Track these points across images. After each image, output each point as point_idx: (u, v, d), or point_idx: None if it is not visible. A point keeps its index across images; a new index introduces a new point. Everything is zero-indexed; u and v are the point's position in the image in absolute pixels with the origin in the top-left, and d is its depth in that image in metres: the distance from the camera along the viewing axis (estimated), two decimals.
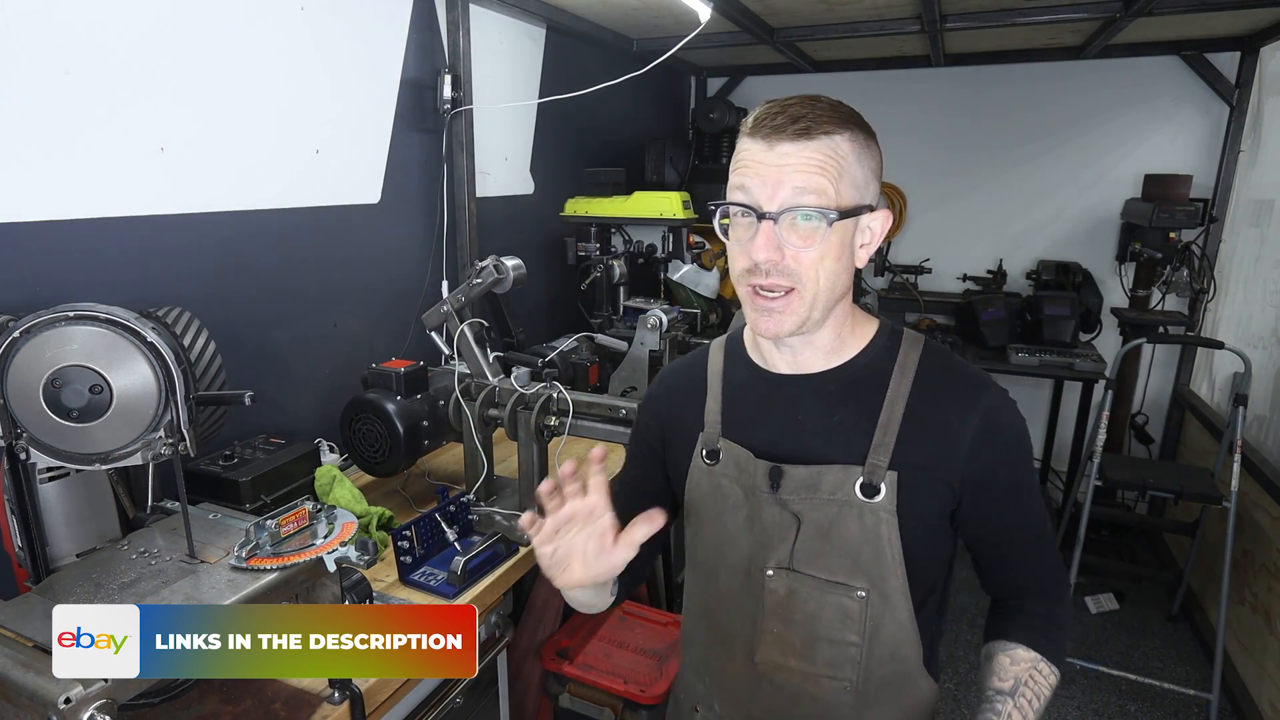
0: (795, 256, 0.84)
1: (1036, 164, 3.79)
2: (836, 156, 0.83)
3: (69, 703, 0.75)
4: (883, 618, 0.91)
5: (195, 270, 1.68)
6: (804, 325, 0.88)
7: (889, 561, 0.89)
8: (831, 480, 0.89)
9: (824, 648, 0.93)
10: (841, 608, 0.91)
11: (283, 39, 1.81)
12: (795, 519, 0.91)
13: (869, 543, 0.89)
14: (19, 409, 0.99)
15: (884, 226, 0.90)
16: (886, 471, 0.87)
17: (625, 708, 1.92)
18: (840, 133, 0.84)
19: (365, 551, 1.04)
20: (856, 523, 0.89)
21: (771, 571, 0.93)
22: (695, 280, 3.16)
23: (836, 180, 0.83)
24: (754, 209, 0.84)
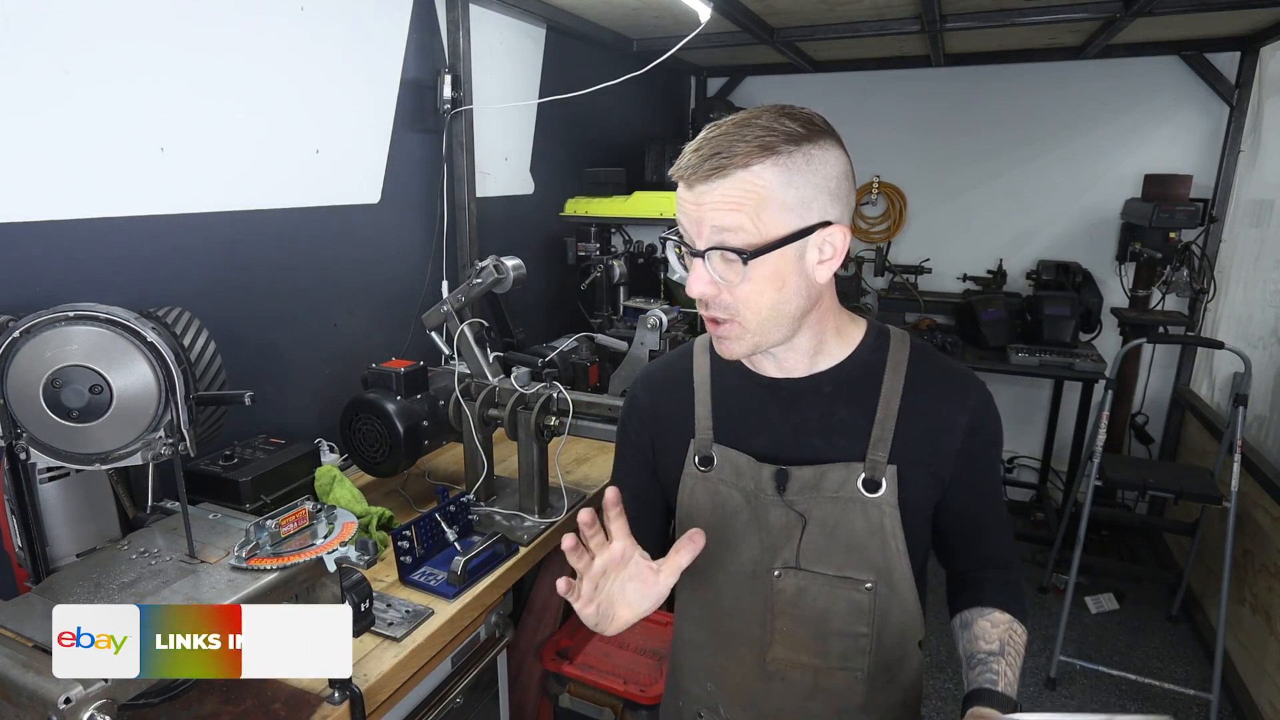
0: (730, 291, 0.85)
1: (1036, 164, 3.79)
2: (755, 189, 0.80)
3: (69, 703, 0.75)
4: (890, 607, 0.94)
5: (195, 270, 1.68)
6: (759, 348, 0.90)
7: (893, 552, 0.92)
8: (835, 478, 0.91)
9: (836, 641, 0.95)
10: (852, 601, 0.94)
11: (283, 39, 1.81)
12: (801, 519, 0.93)
13: (874, 536, 0.91)
14: (19, 409, 0.99)
15: (844, 240, 0.85)
16: (886, 466, 0.90)
17: (625, 708, 1.92)
18: (761, 161, 0.80)
19: (365, 551, 1.04)
20: (861, 517, 0.91)
21: (779, 572, 0.95)
22: None
23: (756, 214, 0.81)
24: (688, 247, 0.86)
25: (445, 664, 1.47)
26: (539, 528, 1.72)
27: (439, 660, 1.42)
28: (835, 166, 0.84)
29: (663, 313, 1.80)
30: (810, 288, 0.87)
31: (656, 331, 1.79)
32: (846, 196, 0.86)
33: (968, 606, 1.00)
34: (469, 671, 1.54)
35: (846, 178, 0.86)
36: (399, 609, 1.40)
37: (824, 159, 0.83)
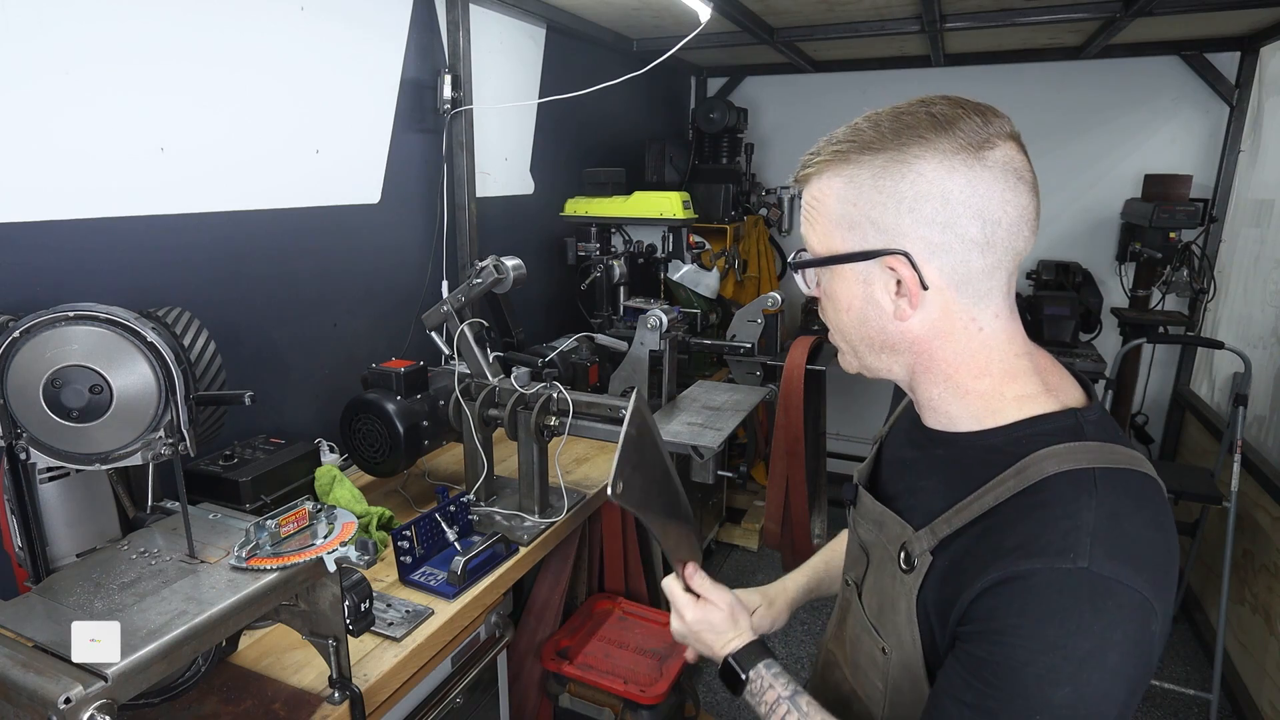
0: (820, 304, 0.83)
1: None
2: (817, 201, 0.76)
3: (69, 703, 0.75)
4: (903, 680, 0.81)
5: (195, 270, 1.68)
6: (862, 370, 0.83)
7: (906, 635, 0.79)
8: (890, 530, 0.82)
9: (861, 674, 0.89)
10: (870, 652, 0.86)
11: (283, 39, 1.81)
12: (863, 550, 0.88)
13: (893, 606, 0.81)
14: (19, 409, 0.99)
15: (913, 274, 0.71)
16: (926, 554, 0.75)
17: (625, 708, 1.92)
18: (830, 169, 0.74)
19: (365, 551, 1.04)
20: (891, 581, 0.81)
21: (849, 582, 0.93)
22: (695, 280, 3.16)
23: (812, 227, 0.77)
24: None
25: (445, 664, 1.47)
26: (539, 528, 1.72)
27: (439, 660, 1.42)
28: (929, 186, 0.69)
29: (663, 313, 1.80)
30: (886, 325, 0.75)
31: (656, 331, 1.79)
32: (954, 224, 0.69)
33: None
34: (469, 671, 1.54)
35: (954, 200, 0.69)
36: (399, 609, 1.40)
37: (903, 173, 0.70)
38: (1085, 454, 0.68)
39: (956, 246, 0.70)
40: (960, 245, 0.70)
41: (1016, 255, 0.72)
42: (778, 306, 2.50)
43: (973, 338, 0.74)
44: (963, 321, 0.73)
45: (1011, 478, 0.70)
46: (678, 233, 2.98)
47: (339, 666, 1.12)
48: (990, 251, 0.70)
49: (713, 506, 3.46)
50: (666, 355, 1.81)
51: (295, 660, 1.25)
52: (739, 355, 2.52)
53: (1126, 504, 0.66)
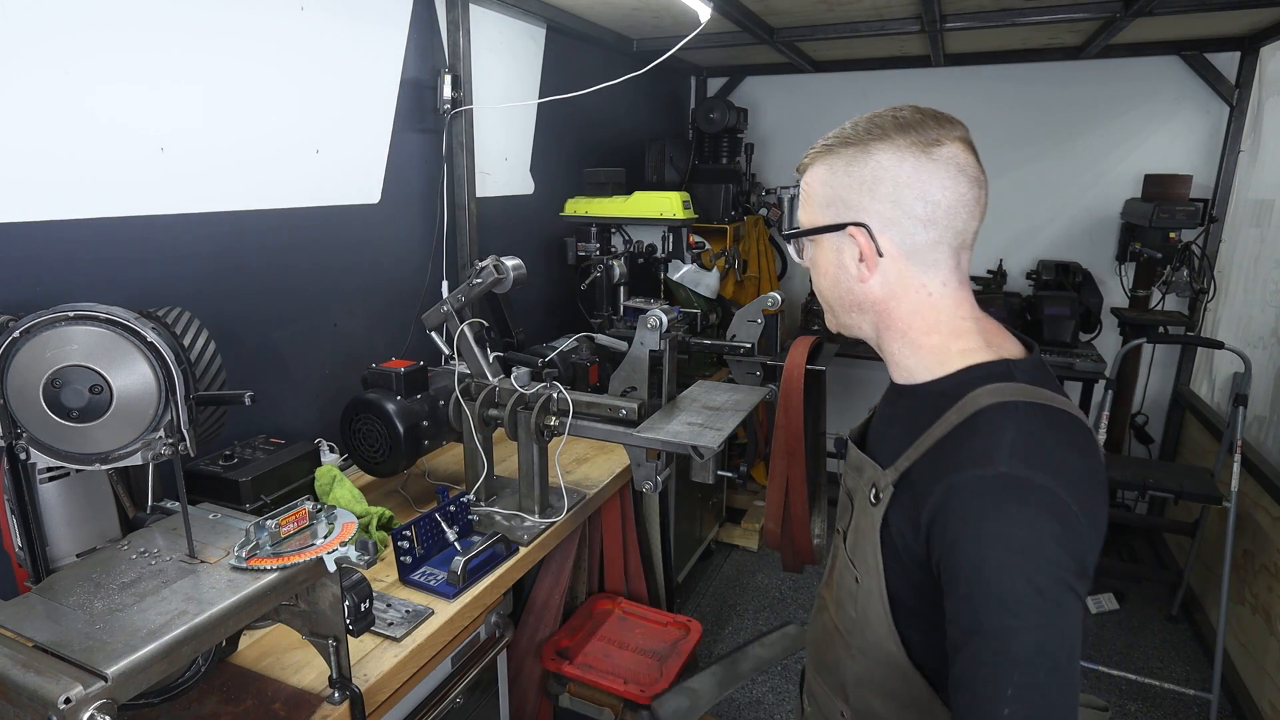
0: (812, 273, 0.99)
1: (1036, 164, 3.79)
2: (807, 186, 0.94)
3: (69, 703, 0.75)
4: (869, 608, 0.92)
5: (195, 270, 1.68)
6: (840, 329, 0.99)
7: (872, 562, 0.90)
8: (867, 473, 0.94)
9: (842, 610, 1.00)
10: (849, 586, 0.97)
11: (283, 39, 1.81)
12: (848, 496, 1.00)
13: (865, 538, 0.92)
14: (19, 409, 0.99)
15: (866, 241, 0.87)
16: (889, 486, 0.88)
17: (625, 708, 1.92)
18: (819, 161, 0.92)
19: (365, 551, 1.04)
20: (864, 517, 0.93)
21: (839, 529, 1.04)
22: (695, 280, 3.16)
23: (804, 209, 0.95)
24: None
25: (445, 664, 1.47)
26: (539, 528, 1.72)
27: (439, 660, 1.42)
28: (883, 171, 0.85)
29: (663, 313, 1.80)
30: (853, 286, 0.92)
31: (656, 331, 1.79)
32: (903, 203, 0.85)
33: None
34: (469, 671, 1.54)
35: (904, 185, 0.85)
36: (399, 609, 1.40)
37: (865, 162, 0.86)
38: (1012, 391, 0.83)
39: (905, 221, 0.86)
40: (908, 220, 0.86)
41: (958, 234, 0.87)
42: (778, 306, 2.49)
43: (923, 300, 0.89)
44: (914, 286, 0.89)
45: (954, 414, 0.83)
46: (678, 233, 2.98)
47: (339, 666, 1.12)
48: (933, 227, 0.86)
49: (713, 506, 3.46)
50: (666, 355, 1.81)
51: (295, 660, 1.25)
52: (739, 355, 2.52)
53: (1042, 427, 0.80)
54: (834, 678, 1.03)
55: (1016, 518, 0.74)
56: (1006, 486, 0.76)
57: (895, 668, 0.91)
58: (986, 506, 0.76)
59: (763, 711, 2.59)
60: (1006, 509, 0.75)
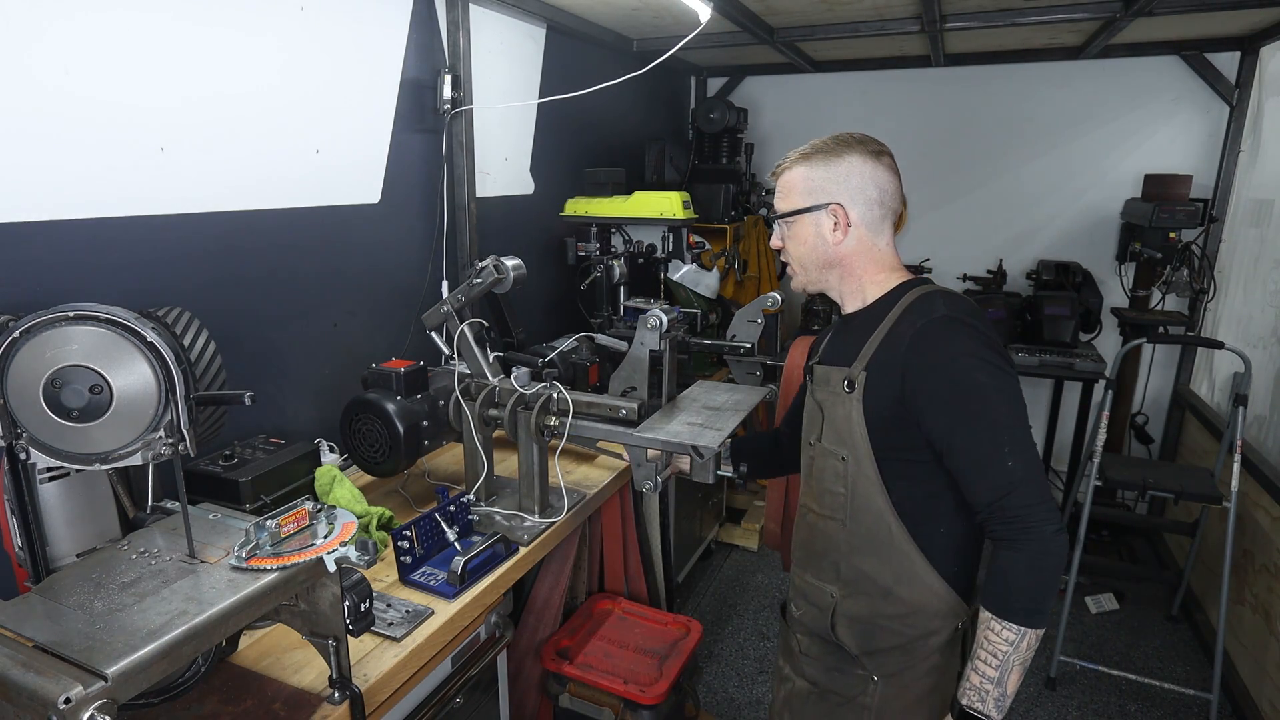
0: (786, 244, 1.34)
1: (1036, 164, 3.79)
2: (789, 181, 1.30)
3: (69, 703, 0.75)
4: (857, 476, 1.24)
5: (195, 270, 1.68)
6: (808, 286, 1.35)
7: (857, 436, 1.23)
8: (834, 377, 1.27)
9: (826, 496, 1.30)
10: (834, 467, 1.28)
11: (283, 39, 1.81)
12: (819, 407, 1.31)
13: (846, 421, 1.24)
14: (19, 409, 0.99)
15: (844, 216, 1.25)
16: (861, 372, 1.22)
17: (625, 708, 1.92)
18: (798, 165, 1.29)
19: (365, 551, 1.04)
20: (841, 407, 1.25)
21: (811, 443, 1.34)
22: (695, 280, 3.16)
23: (788, 196, 1.30)
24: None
25: (445, 664, 1.47)
26: (539, 528, 1.72)
27: (439, 660, 1.42)
28: (852, 169, 1.25)
29: (663, 313, 1.80)
30: (828, 249, 1.28)
31: (656, 331, 1.79)
32: (864, 190, 1.25)
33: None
34: (469, 671, 1.54)
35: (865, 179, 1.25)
36: (399, 609, 1.40)
37: (839, 163, 1.25)
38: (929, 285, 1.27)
39: (864, 202, 1.26)
40: (865, 202, 1.26)
41: (894, 211, 1.28)
42: (778, 306, 2.49)
43: (875, 253, 1.29)
44: (868, 244, 1.28)
45: (897, 309, 1.22)
46: (678, 233, 2.98)
47: (339, 666, 1.12)
48: (880, 206, 1.26)
49: (713, 506, 3.46)
50: (666, 355, 1.81)
51: (295, 660, 1.25)
52: (739, 355, 2.52)
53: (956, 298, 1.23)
54: (825, 561, 1.32)
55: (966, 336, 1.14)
56: (950, 321, 1.16)
57: (882, 521, 1.23)
58: (944, 335, 1.15)
59: (762, 711, 2.59)
60: (958, 333, 1.14)
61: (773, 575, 3.43)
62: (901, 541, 1.22)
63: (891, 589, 1.24)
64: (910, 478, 1.22)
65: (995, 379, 1.11)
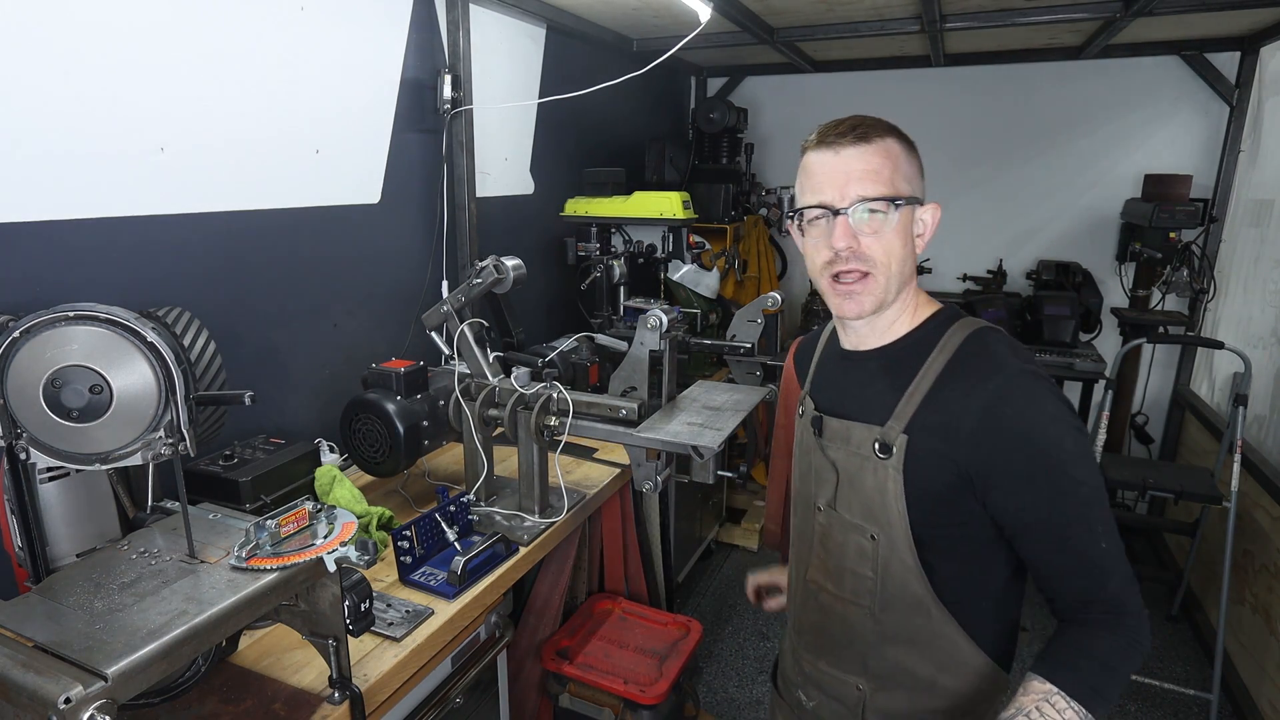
0: (869, 245, 0.99)
1: (1036, 164, 3.79)
2: (891, 153, 0.99)
3: (69, 703, 0.75)
4: (890, 559, 1.02)
5: (195, 270, 1.68)
6: (882, 305, 1.03)
7: (894, 512, 1.01)
8: (858, 436, 1.04)
9: (849, 577, 1.08)
10: (859, 546, 1.06)
11: (283, 39, 1.81)
12: (833, 467, 1.08)
13: (879, 494, 1.02)
14: (19, 409, 0.99)
15: (935, 218, 1.04)
16: (900, 435, 0.99)
17: (625, 708, 1.92)
18: (890, 137, 1.00)
19: (365, 551, 1.04)
20: (872, 475, 1.03)
21: (820, 508, 1.11)
22: (695, 280, 3.16)
23: (893, 174, 0.98)
24: (828, 208, 0.99)
25: (445, 664, 1.47)
26: (539, 528, 1.72)
27: (439, 660, 1.42)
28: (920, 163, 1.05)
29: (663, 313, 1.80)
30: (914, 257, 1.04)
31: (656, 331, 1.79)
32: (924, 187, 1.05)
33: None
34: (469, 671, 1.54)
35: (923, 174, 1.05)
36: (399, 609, 1.40)
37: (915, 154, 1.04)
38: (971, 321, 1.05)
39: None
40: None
41: None
42: (778, 306, 2.49)
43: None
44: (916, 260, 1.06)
45: (939, 351, 1.01)
46: (678, 233, 2.98)
47: (339, 666, 1.12)
48: None
49: (713, 506, 3.46)
50: (666, 355, 1.81)
51: (295, 660, 1.25)
52: (739, 355, 2.52)
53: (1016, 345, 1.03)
54: (848, 651, 1.11)
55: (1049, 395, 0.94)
56: (1031, 377, 0.95)
57: (920, 608, 1.03)
58: (1027, 395, 0.94)
59: (762, 711, 2.59)
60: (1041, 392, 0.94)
61: None
62: (944, 626, 1.03)
63: (935, 680, 1.05)
64: (958, 558, 1.02)
65: (1081, 445, 0.93)
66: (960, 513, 0.98)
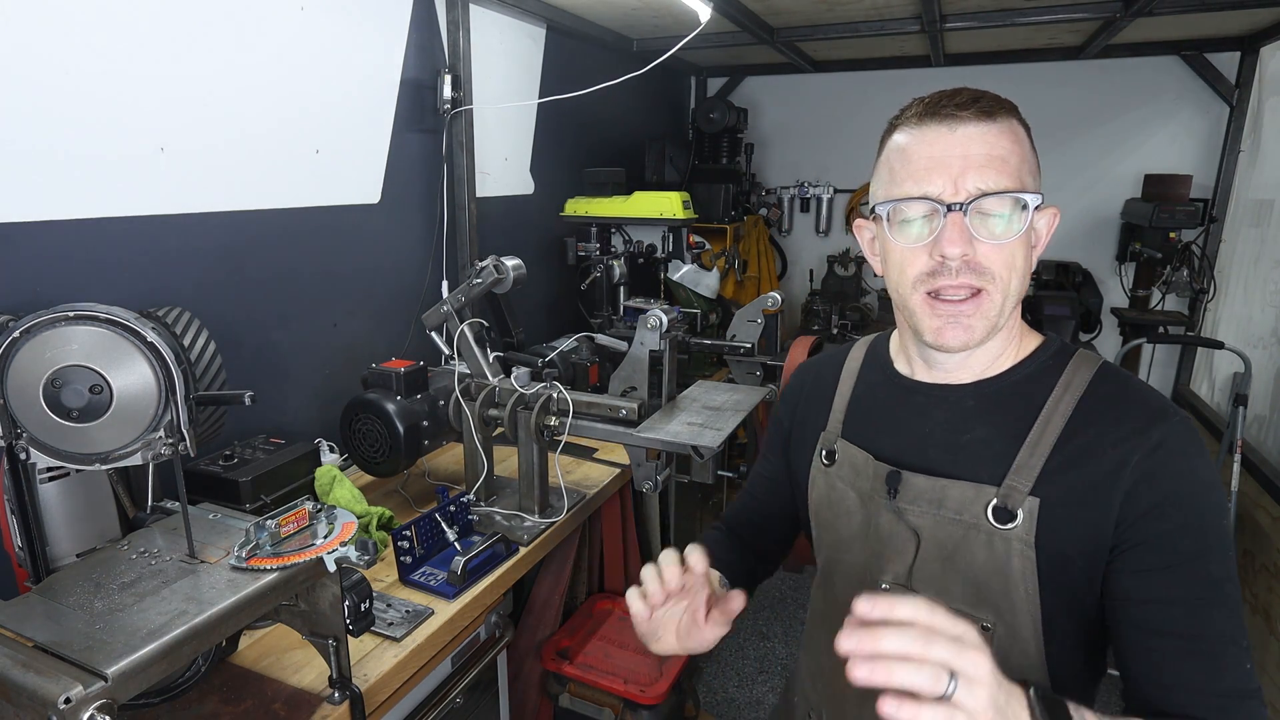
0: (987, 255, 0.75)
1: None
2: (1019, 140, 0.77)
3: (69, 703, 0.75)
4: (1011, 654, 0.78)
5: (195, 270, 1.68)
6: (994, 330, 0.79)
7: (1020, 597, 0.78)
8: (958, 497, 0.80)
9: None
10: None
11: (283, 39, 1.81)
12: (914, 534, 0.84)
13: (997, 573, 0.78)
14: (19, 409, 0.99)
15: (1052, 226, 0.81)
16: (1027, 497, 0.76)
17: (625, 708, 1.92)
18: (1015, 117, 0.79)
19: (365, 551, 1.04)
20: (984, 549, 0.79)
21: (887, 586, 0.86)
22: (695, 280, 3.16)
23: (1020, 164, 0.76)
24: (937, 201, 0.75)
25: (445, 664, 1.47)
26: (539, 528, 1.72)
27: (439, 660, 1.42)
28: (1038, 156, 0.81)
29: (663, 313, 1.80)
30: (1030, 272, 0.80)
31: (656, 331, 1.79)
32: None
33: None
34: (469, 671, 1.54)
35: None
36: (399, 609, 1.40)
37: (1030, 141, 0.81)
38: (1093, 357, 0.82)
39: None
40: None
41: None
42: (778, 306, 2.50)
43: None
44: None
45: (1064, 389, 0.79)
46: (678, 233, 2.98)
47: (339, 666, 1.12)
48: None
49: (713, 506, 3.46)
50: (666, 355, 1.81)
51: (295, 660, 1.25)
52: (739, 355, 2.52)
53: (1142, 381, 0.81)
54: None
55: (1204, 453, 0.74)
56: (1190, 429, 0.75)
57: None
58: (1189, 451, 0.74)
59: (762, 711, 2.59)
60: (1200, 449, 0.75)
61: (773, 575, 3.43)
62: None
63: None
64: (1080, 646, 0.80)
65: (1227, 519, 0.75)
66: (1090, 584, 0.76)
